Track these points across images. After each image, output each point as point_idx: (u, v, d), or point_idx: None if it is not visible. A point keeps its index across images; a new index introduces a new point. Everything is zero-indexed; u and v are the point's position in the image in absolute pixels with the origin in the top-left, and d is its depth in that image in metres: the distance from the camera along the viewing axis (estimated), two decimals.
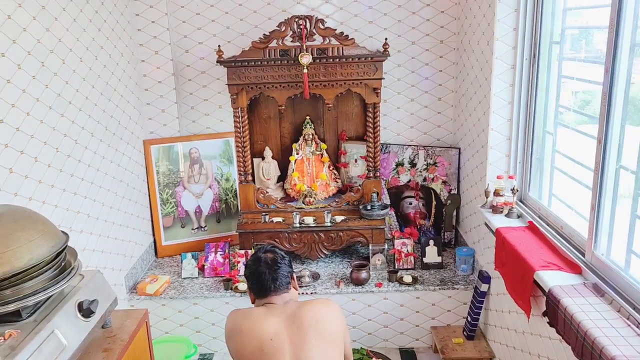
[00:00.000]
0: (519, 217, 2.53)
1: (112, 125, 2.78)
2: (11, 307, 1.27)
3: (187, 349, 2.70)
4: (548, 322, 1.87)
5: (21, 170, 1.93)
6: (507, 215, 2.55)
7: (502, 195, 2.59)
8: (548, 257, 2.10)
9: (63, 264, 1.43)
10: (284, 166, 3.43)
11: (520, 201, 2.66)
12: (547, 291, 1.86)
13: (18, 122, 1.92)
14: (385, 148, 3.41)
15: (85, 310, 1.40)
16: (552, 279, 1.91)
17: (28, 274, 1.30)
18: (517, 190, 2.58)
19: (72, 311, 1.38)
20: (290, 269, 1.87)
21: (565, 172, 2.34)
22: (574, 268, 1.96)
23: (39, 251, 1.31)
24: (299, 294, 1.98)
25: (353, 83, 2.95)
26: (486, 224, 2.64)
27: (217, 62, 2.90)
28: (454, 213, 3.34)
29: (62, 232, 1.45)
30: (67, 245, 1.44)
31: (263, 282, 1.80)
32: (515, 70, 2.56)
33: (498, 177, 2.61)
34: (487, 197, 2.67)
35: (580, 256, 2.02)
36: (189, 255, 3.11)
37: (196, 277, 3.08)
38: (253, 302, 1.90)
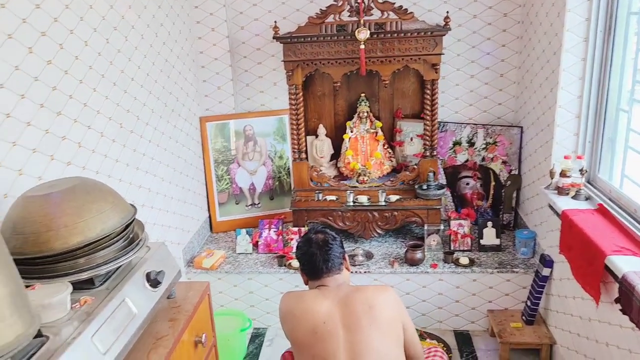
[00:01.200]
0: (587, 199, 2.41)
1: (170, 102, 2.83)
2: (85, 275, 1.32)
3: (242, 323, 2.76)
4: (620, 310, 1.78)
5: (89, 144, 1.99)
6: (574, 197, 2.43)
7: (568, 176, 2.47)
8: (620, 241, 1.99)
9: (131, 235, 1.47)
10: (337, 144, 3.41)
11: (588, 182, 2.53)
12: (620, 277, 1.77)
13: (85, 98, 1.98)
14: (443, 126, 3.32)
15: (153, 281, 1.44)
16: (626, 264, 1.80)
17: (100, 244, 1.34)
18: (586, 171, 2.45)
19: (141, 281, 1.42)
20: (342, 250, 1.86)
21: None
22: None
23: (110, 222, 1.36)
24: (351, 272, 1.97)
25: (411, 59, 2.87)
26: (550, 206, 2.53)
27: (273, 38, 2.89)
28: (514, 194, 3.23)
29: (131, 204, 1.50)
30: (135, 218, 1.48)
31: (315, 264, 1.80)
32: (588, 44, 2.41)
33: (565, 157, 2.49)
34: (552, 178, 2.55)
35: None
36: (244, 231, 3.16)
37: (250, 253, 3.13)
38: (306, 284, 1.91)
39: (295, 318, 1.73)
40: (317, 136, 3.38)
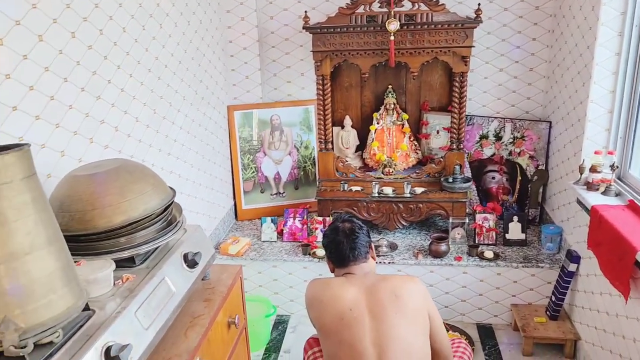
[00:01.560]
0: (617, 195, 2.38)
1: (200, 90, 2.87)
2: (126, 254, 1.36)
3: (267, 309, 2.80)
4: None
5: (125, 129, 2.04)
6: (604, 193, 2.41)
7: (599, 172, 2.45)
8: None
9: (170, 217, 1.51)
10: (362, 136, 3.42)
11: (618, 179, 2.51)
12: None
13: (122, 83, 2.02)
14: (470, 120, 3.31)
15: (190, 261, 1.48)
16: None
17: (141, 224, 1.38)
18: (617, 167, 2.43)
19: (179, 261, 1.45)
20: (368, 239, 1.87)
21: None
22: None
23: (151, 203, 1.39)
24: (376, 262, 1.98)
25: (440, 51, 2.87)
26: (579, 201, 2.51)
27: (303, 28, 2.91)
28: (540, 190, 3.21)
29: (170, 187, 1.53)
30: (174, 200, 1.52)
31: (341, 252, 1.81)
32: (623, 38, 2.38)
33: (596, 153, 2.47)
34: (581, 173, 2.54)
35: None
36: (269, 219, 3.20)
37: (275, 241, 3.16)
38: (332, 272, 1.93)
39: (322, 304, 1.75)
40: (343, 127, 3.39)
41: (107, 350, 1.07)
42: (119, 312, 1.17)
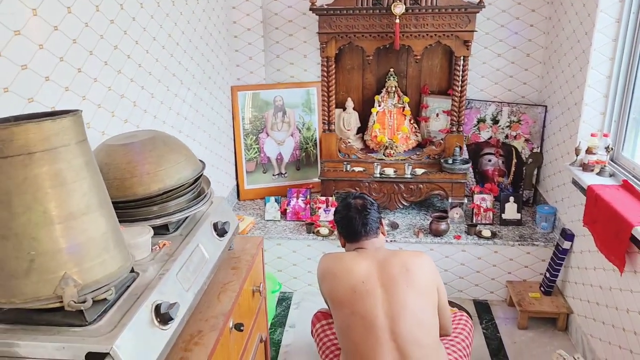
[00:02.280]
0: (611, 175, 2.49)
1: (208, 69, 2.89)
2: (160, 221, 1.40)
3: (272, 285, 2.86)
4: None
5: (142, 104, 2.06)
6: (599, 174, 2.51)
7: (594, 153, 2.55)
8: None
9: (199, 189, 1.55)
10: (363, 118, 3.47)
11: (612, 160, 2.61)
12: None
13: (140, 59, 2.04)
14: (468, 104, 3.38)
15: (220, 230, 1.52)
16: None
17: (175, 192, 1.42)
18: (612, 149, 2.53)
19: (209, 230, 1.50)
20: (379, 215, 1.93)
21: None
22: None
23: (184, 173, 1.43)
24: (386, 240, 2.04)
25: (444, 35, 2.92)
26: (574, 182, 2.62)
27: (310, 9, 2.93)
28: (535, 171, 3.31)
29: (200, 160, 1.57)
30: (203, 172, 1.56)
31: (353, 227, 1.87)
32: (621, 24, 2.47)
33: (592, 135, 2.56)
34: (577, 155, 2.63)
35: None
36: (272, 199, 3.24)
37: (278, 220, 3.22)
38: (343, 246, 1.98)
39: (335, 277, 1.80)
40: (344, 109, 3.44)
41: (157, 308, 1.11)
42: (162, 274, 1.21)
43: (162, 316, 1.11)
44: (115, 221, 1.14)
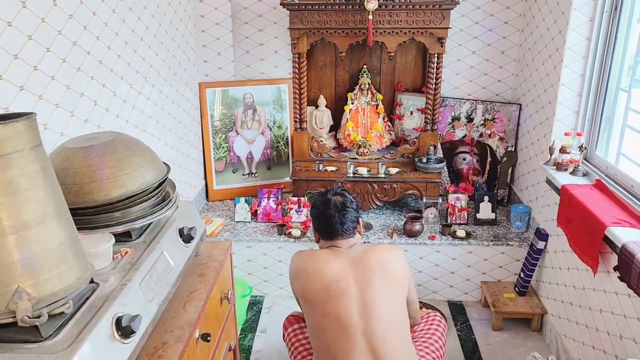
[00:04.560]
0: (584, 175, 2.55)
1: (174, 65, 2.85)
2: (122, 228, 1.37)
3: (242, 289, 2.84)
4: (619, 277, 1.93)
5: (103, 103, 2.02)
6: (572, 173, 2.57)
7: (568, 153, 2.62)
8: (618, 214, 2.14)
9: (164, 193, 1.53)
10: (336, 115, 3.48)
11: (585, 159, 2.68)
12: (620, 246, 1.91)
13: (101, 55, 1.99)
14: (442, 101, 3.42)
15: (186, 236, 1.50)
16: (625, 234, 1.95)
17: (138, 197, 1.40)
18: (585, 148, 2.60)
19: (175, 236, 1.48)
20: (357, 214, 1.94)
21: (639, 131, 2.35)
22: None
23: (148, 177, 1.41)
24: (361, 241, 2.06)
25: (418, 31, 2.95)
26: (548, 181, 2.68)
27: (281, 4, 2.92)
28: (509, 170, 3.38)
29: (164, 162, 1.55)
30: (168, 175, 1.54)
31: (331, 225, 1.88)
32: (594, 23, 2.53)
33: (566, 134, 2.62)
34: (551, 154, 2.69)
35: None
36: (242, 199, 3.22)
37: (249, 222, 3.20)
38: (317, 242, 1.99)
39: (308, 276, 1.80)
40: (317, 107, 3.44)
41: (118, 321, 1.09)
42: (124, 285, 1.19)
43: (124, 329, 1.09)
44: (73, 229, 1.11)
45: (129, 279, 1.21)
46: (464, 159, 3.47)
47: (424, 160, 3.14)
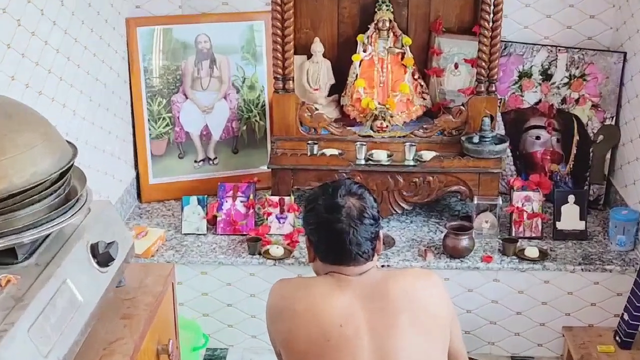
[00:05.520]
0: None
1: None
2: (3, 243, 1.37)
3: (194, 339, 2.86)
4: None
5: None
6: None
7: None
8: None
9: (68, 188, 1.53)
10: (340, 70, 3.48)
11: None
12: None
13: None
14: (504, 48, 3.42)
15: (102, 256, 1.50)
16: None
17: (29, 195, 1.39)
18: None
19: (85, 256, 1.48)
20: (378, 225, 1.87)
21: None
22: None
23: (42, 164, 1.41)
24: (378, 264, 2.05)
25: None
26: None
27: None
28: (608, 155, 3.38)
29: (68, 142, 1.55)
30: (74, 163, 1.54)
31: (341, 246, 1.81)
32: None
33: None
34: None
35: None
36: (194, 199, 3.23)
37: (204, 234, 3.21)
38: (311, 261, 1.97)
39: (296, 317, 1.79)
40: (309, 56, 3.44)
41: None
42: (4, 332, 1.19)
43: None
44: None
45: (11, 322, 1.21)
46: (538, 138, 3.47)
47: (476, 139, 3.14)
